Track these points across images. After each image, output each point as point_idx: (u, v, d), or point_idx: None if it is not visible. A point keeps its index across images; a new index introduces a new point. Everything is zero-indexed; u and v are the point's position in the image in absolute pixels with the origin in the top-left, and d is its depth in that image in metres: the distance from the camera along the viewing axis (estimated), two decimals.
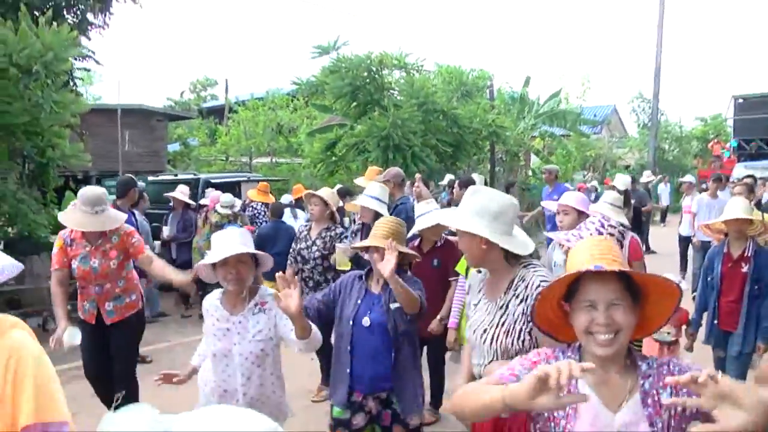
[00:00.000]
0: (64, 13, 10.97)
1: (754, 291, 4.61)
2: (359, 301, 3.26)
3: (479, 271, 2.77)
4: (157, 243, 8.70)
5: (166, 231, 8.65)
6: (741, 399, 1.30)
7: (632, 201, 10.29)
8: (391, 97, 13.25)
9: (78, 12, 11.49)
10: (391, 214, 5.68)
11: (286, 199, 9.65)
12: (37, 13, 8.76)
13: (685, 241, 10.72)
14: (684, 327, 4.96)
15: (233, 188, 10.60)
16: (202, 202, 9.21)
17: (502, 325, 2.51)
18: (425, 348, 4.88)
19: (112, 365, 4.47)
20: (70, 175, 10.41)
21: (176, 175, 12.15)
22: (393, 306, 3.17)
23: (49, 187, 8.89)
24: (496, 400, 1.52)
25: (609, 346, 1.64)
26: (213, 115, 27.85)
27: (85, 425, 5.00)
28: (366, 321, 3.19)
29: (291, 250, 5.49)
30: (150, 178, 11.66)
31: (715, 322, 4.82)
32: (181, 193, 8.82)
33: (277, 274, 2.68)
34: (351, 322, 3.20)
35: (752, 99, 19.37)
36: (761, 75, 64.63)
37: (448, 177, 9.59)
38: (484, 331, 2.56)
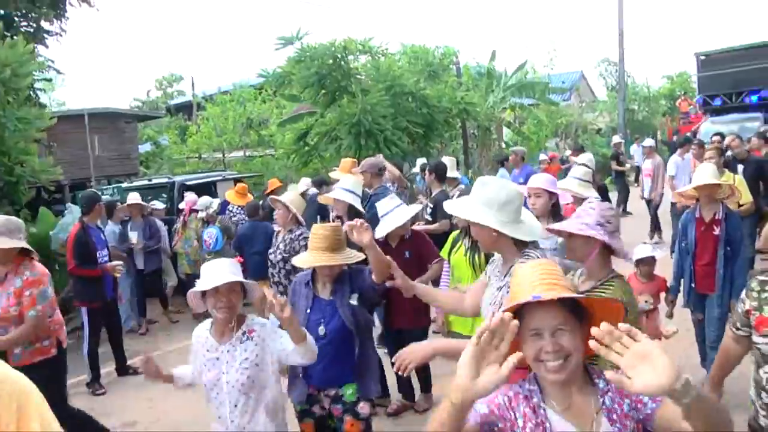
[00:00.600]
0: (16, 23, 10.73)
1: (727, 253, 4.74)
2: (308, 311, 3.37)
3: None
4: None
5: (134, 237, 8.19)
6: (656, 361, 1.31)
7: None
8: (359, 82, 13.19)
9: (32, 21, 11.25)
10: (366, 204, 5.75)
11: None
12: None
13: (649, 203, 10.97)
14: (663, 294, 5.07)
15: (209, 188, 10.54)
16: (181, 206, 9.15)
17: (494, 303, 2.70)
18: (405, 339, 4.94)
19: None
20: (41, 186, 10.25)
21: (150, 180, 12.01)
22: (353, 301, 3.34)
23: (21, 204, 8.78)
24: (445, 407, 1.51)
25: (560, 371, 1.62)
26: (181, 112, 27.53)
27: None
28: (321, 330, 3.29)
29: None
30: (124, 185, 11.53)
31: (693, 285, 4.94)
32: (133, 199, 8.36)
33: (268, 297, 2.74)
34: None
35: (715, 55, 19.54)
36: (726, 29, 65.29)
37: (420, 161, 9.58)
38: (486, 305, 2.79)
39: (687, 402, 1.33)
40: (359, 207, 5.11)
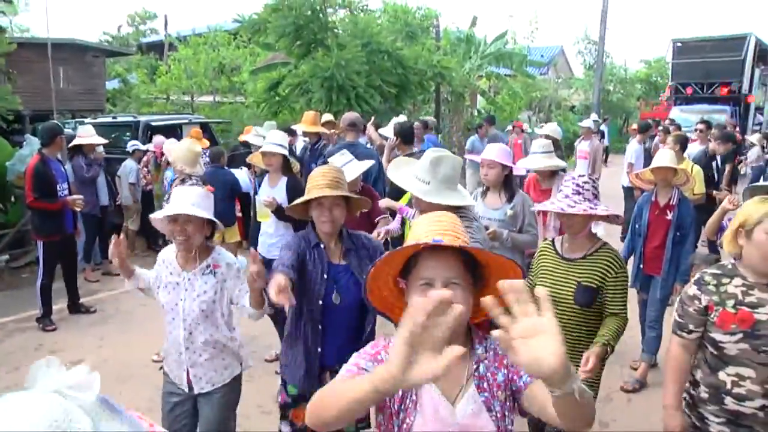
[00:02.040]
0: None
1: (676, 237, 4.90)
2: (325, 276, 2.91)
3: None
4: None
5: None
6: (550, 341, 1.11)
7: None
8: (335, 36, 12.99)
9: None
10: (315, 159, 5.72)
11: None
12: None
13: None
14: None
15: (175, 131, 10.36)
16: (149, 147, 9.05)
17: None
18: None
19: None
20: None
21: (115, 117, 11.75)
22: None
23: None
24: (365, 390, 1.25)
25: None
26: (153, 51, 26.80)
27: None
28: (336, 298, 2.90)
29: None
30: (87, 120, 11.25)
31: (641, 266, 5.10)
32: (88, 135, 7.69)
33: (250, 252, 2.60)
34: (321, 303, 2.90)
35: (690, 43, 19.74)
36: (709, 19, 65.65)
37: (397, 119, 9.48)
38: None
39: (560, 393, 1.20)
40: (292, 159, 5.16)
